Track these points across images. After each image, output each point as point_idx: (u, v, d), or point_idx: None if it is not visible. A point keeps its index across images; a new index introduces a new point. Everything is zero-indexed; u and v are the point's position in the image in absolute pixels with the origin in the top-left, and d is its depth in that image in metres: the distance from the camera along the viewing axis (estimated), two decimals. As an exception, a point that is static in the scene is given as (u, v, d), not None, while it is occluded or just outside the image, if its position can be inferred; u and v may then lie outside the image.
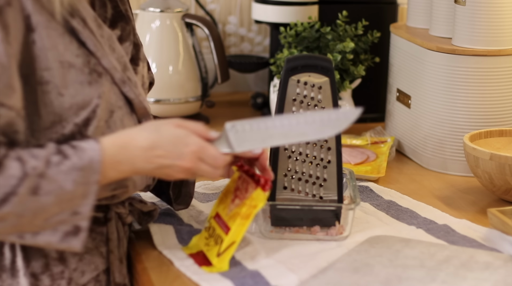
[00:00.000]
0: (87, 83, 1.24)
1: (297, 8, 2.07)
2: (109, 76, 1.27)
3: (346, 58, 1.93)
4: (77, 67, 1.23)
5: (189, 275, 1.28)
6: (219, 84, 2.15)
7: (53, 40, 1.22)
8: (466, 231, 1.46)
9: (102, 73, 1.26)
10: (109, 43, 1.29)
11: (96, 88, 1.24)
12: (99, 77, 1.25)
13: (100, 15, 1.33)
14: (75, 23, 1.24)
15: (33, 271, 1.27)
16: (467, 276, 1.26)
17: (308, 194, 1.44)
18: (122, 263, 1.35)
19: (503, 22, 1.73)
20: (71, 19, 1.24)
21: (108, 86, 1.27)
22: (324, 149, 1.42)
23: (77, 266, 1.30)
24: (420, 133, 1.83)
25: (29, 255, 1.27)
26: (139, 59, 1.39)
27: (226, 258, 1.29)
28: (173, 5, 2.10)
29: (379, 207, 1.56)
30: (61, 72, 1.22)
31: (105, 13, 1.34)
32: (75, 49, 1.24)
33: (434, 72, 1.78)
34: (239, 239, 1.29)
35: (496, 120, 1.77)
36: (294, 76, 1.41)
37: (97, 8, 1.33)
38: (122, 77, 1.29)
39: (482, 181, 1.62)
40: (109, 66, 1.27)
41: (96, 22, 1.28)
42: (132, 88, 1.30)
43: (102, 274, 1.33)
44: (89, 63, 1.25)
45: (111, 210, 1.34)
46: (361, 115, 2.13)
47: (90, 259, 1.31)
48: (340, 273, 1.26)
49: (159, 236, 1.40)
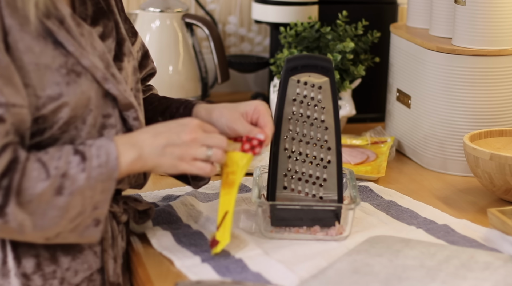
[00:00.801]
0: (64, 84, 1.24)
1: (297, 8, 2.07)
2: (90, 75, 1.27)
3: (346, 58, 1.93)
4: (53, 69, 1.23)
5: (190, 276, 1.28)
6: (219, 84, 2.15)
7: (28, 43, 1.21)
8: (466, 231, 1.46)
9: (81, 72, 1.26)
10: (90, 41, 1.29)
11: (74, 88, 1.24)
12: (77, 77, 1.25)
13: (80, 12, 1.32)
14: (50, 24, 1.24)
15: (24, 271, 1.27)
16: (467, 276, 1.26)
17: (308, 194, 1.44)
18: (117, 262, 1.35)
19: (502, 22, 1.73)
20: (46, 20, 1.23)
21: (88, 85, 1.26)
22: (324, 149, 1.42)
23: (69, 266, 1.29)
24: (420, 133, 1.83)
25: (20, 255, 1.27)
26: (123, 54, 1.37)
27: (225, 230, 1.30)
28: (173, 5, 2.10)
29: (379, 207, 1.56)
30: (38, 74, 1.22)
31: (86, 10, 1.33)
32: (51, 51, 1.24)
33: (434, 72, 1.78)
34: (232, 207, 1.31)
35: (496, 120, 1.77)
36: (294, 76, 1.41)
37: (77, 6, 1.33)
38: (104, 75, 1.28)
39: (482, 181, 1.62)
40: (89, 65, 1.26)
41: (75, 21, 1.27)
42: (115, 85, 1.30)
43: (96, 274, 1.33)
44: (66, 64, 1.24)
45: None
46: (361, 115, 2.14)
47: (83, 258, 1.31)
48: (340, 273, 1.26)
49: (156, 240, 1.40)
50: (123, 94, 1.31)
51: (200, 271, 1.29)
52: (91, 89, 1.27)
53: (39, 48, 1.22)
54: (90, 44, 1.28)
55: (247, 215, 1.49)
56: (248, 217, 1.48)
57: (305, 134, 1.42)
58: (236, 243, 1.38)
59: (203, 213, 1.50)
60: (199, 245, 1.37)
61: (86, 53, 1.26)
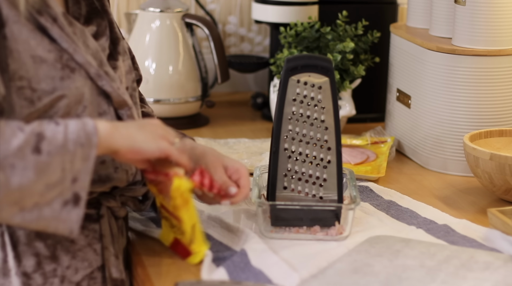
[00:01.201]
0: (59, 78, 1.24)
1: (297, 8, 2.07)
2: (84, 71, 1.27)
3: (346, 58, 1.93)
4: (49, 62, 1.24)
5: (202, 274, 1.28)
6: (219, 84, 2.15)
7: (24, 35, 1.22)
8: (466, 231, 1.46)
9: (75, 68, 1.26)
10: (83, 39, 1.30)
11: (68, 83, 1.25)
12: (72, 72, 1.26)
13: (74, 12, 1.34)
14: (43, 20, 1.25)
15: (25, 270, 1.27)
16: (467, 276, 1.26)
17: (308, 194, 1.44)
18: (118, 259, 1.34)
19: (503, 22, 1.73)
20: (38, 16, 1.24)
21: (82, 81, 1.27)
22: (324, 149, 1.42)
23: (70, 264, 1.29)
24: (420, 133, 1.83)
25: (20, 254, 1.27)
26: (118, 53, 1.38)
27: (199, 240, 1.30)
28: (173, 5, 2.10)
29: (379, 207, 1.56)
30: (33, 67, 1.23)
31: (79, 10, 1.35)
32: (47, 45, 1.25)
33: (434, 72, 1.78)
34: (196, 218, 1.30)
35: (496, 120, 1.77)
36: (294, 76, 1.41)
37: (70, 5, 1.34)
38: (98, 72, 1.29)
39: (482, 181, 1.62)
40: (82, 61, 1.27)
41: (67, 20, 1.28)
42: (108, 82, 1.30)
43: (97, 271, 1.32)
44: (61, 59, 1.25)
45: (103, 205, 1.34)
46: (361, 115, 2.14)
47: (83, 256, 1.31)
48: (340, 273, 1.26)
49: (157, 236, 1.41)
50: (117, 91, 1.31)
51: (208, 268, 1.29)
52: (85, 85, 1.27)
53: (35, 41, 1.23)
54: (83, 42, 1.29)
55: (247, 215, 1.49)
56: (248, 217, 1.48)
57: (305, 134, 1.42)
58: (240, 235, 1.39)
59: (204, 212, 1.50)
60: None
61: (79, 50, 1.27)
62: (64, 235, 1.22)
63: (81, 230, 1.30)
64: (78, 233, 1.23)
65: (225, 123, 2.14)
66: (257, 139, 1.97)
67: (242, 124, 2.14)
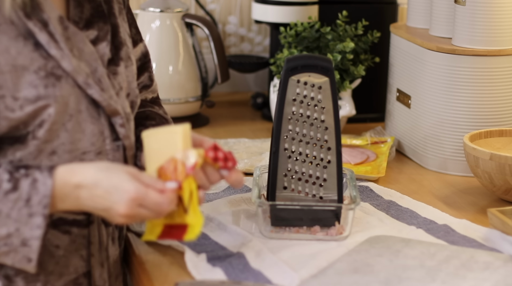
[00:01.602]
0: (42, 86, 1.21)
1: (297, 8, 2.07)
2: (71, 79, 1.24)
3: (346, 58, 1.93)
4: (31, 71, 1.21)
5: (193, 274, 1.28)
6: (219, 84, 2.15)
7: (4, 44, 1.19)
8: (466, 231, 1.46)
9: (61, 76, 1.23)
10: (77, 45, 1.26)
11: (53, 91, 1.22)
12: (57, 80, 1.22)
13: (74, 15, 1.29)
14: (31, 25, 1.21)
15: (7, 273, 1.25)
16: (467, 276, 1.26)
17: (308, 194, 1.44)
18: (103, 267, 1.33)
19: (502, 22, 1.73)
20: (27, 20, 1.21)
21: (69, 89, 1.23)
22: (324, 149, 1.42)
23: (53, 269, 1.28)
24: (420, 133, 1.83)
25: None
26: (120, 59, 1.34)
27: (194, 209, 1.24)
28: (173, 5, 2.10)
29: (379, 207, 1.56)
30: (14, 75, 1.19)
31: (81, 13, 1.31)
32: (30, 52, 1.21)
33: (434, 72, 1.78)
34: (194, 188, 1.24)
35: (496, 120, 1.77)
36: (294, 76, 1.41)
37: (71, 8, 1.30)
38: (86, 80, 1.25)
39: (482, 181, 1.62)
40: (70, 69, 1.23)
41: (62, 25, 1.25)
42: (98, 91, 1.26)
43: (82, 277, 1.31)
44: (45, 66, 1.22)
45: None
46: (361, 115, 2.14)
47: (68, 262, 1.29)
48: (340, 273, 1.26)
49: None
50: (108, 101, 1.28)
51: (203, 272, 1.29)
52: (72, 94, 1.24)
53: (16, 49, 1.20)
54: (77, 48, 1.26)
55: (247, 215, 1.49)
56: (248, 217, 1.48)
57: (305, 134, 1.42)
58: (236, 238, 1.38)
59: (204, 213, 1.50)
60: (203, 245, 1.38)
61: (68, 57, 1.23)
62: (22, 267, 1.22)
63: (68, 236, 1.29)
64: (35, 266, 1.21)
65: (225, 123, 2.14)
66: (257, 139, 1.97)
67: (242, 124, 2.14)
